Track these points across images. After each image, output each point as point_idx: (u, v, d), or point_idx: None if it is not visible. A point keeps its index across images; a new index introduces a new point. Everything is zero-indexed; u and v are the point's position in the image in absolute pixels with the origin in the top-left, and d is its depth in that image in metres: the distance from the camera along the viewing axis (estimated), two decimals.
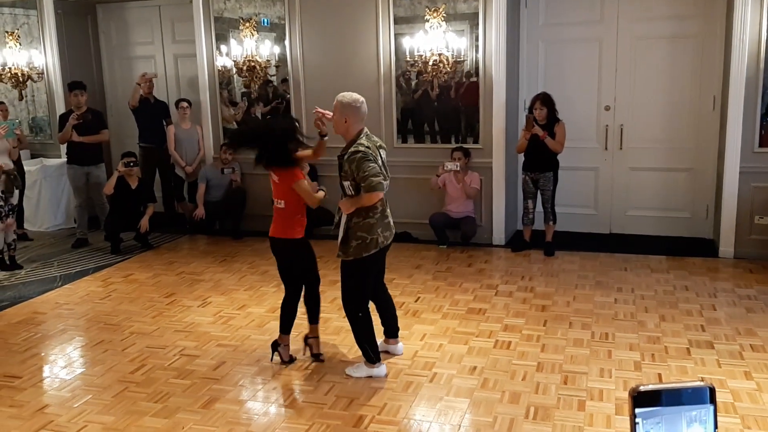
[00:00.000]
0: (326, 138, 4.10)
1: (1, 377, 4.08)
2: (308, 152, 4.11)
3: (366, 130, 3.83)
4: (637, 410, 1.09)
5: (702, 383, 1.12)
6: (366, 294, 3.92)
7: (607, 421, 3.38)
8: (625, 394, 3.61)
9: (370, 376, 3.92)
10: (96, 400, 3.76)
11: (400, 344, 4.26)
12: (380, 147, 3.86)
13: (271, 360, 4.18)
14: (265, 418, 3.55)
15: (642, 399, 1.09)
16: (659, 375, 3.86)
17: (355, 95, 3.87)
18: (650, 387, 1.10)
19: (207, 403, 3.69)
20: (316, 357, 4.19)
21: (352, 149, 3.70)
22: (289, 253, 4.10)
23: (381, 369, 3.94)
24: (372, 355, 3.92)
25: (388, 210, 3.91)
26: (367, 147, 3.70)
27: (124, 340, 4.62)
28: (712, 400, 1.12)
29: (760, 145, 5.88)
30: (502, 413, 3.49)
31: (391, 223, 3.94)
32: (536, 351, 4.23)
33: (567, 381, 3.82)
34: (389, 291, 4.30)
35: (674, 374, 3.87)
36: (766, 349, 4.17)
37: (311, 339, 4.24)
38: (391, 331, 4.23)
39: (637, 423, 1.09)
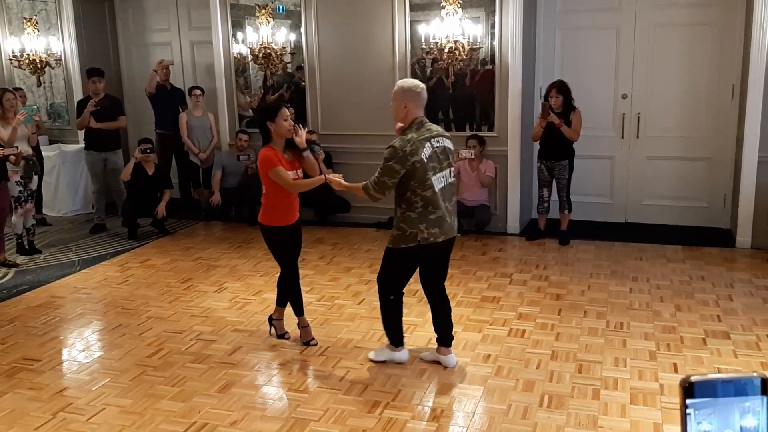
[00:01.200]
0: (308, 154, 4.12)
1: (21, 360, 4.15)
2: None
3: (422, 118, 3.71)
4: (688, 401, 1.07)
5: (755, 374, 1.10)
6: (400, 283, 3.86)
7: (621, 411, 3.38)
8: (640, 384, 3.61)
9: (392, 360, 3.93)
10: (114, 384, 3.82)
11: (451, 356, 3.93)
12: (433, 137, 3.62)
13: (269, 334, 4.38)
14: (280, 403, 3.59)
15: (692, 390, 1.07)
16: (674, 365, 3.85)
17: (416, 81, 3.79)
18: (701, 378, 1.07)
19: (223, 388, 3.73)
20: (280, 336, 4.35)
21: (390, 143, 3.61)
22: (263, 236, 4.29)
23: (402, 353, 3.94)
24: (395, 337, 3.93)
25: (444, 206, 3.66)
26: (403, 144, 3.54)
27: (141, 325, 4.67)
28: (765, 392, 1.09)
29: None
30: (516, 401, 3.50)
31: (447, 220, 3.68)
32: (550, 339, 4.24)
33: (581, 370, 3.83)
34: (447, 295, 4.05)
35: (690, 364, 3.86)
36: None
37: (275, 320, 4.40)
38: (443, 339, 3.96)
39: (689, 414, 1.07)
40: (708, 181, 6.60)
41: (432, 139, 3.62)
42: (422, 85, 3.75)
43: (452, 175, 3.76)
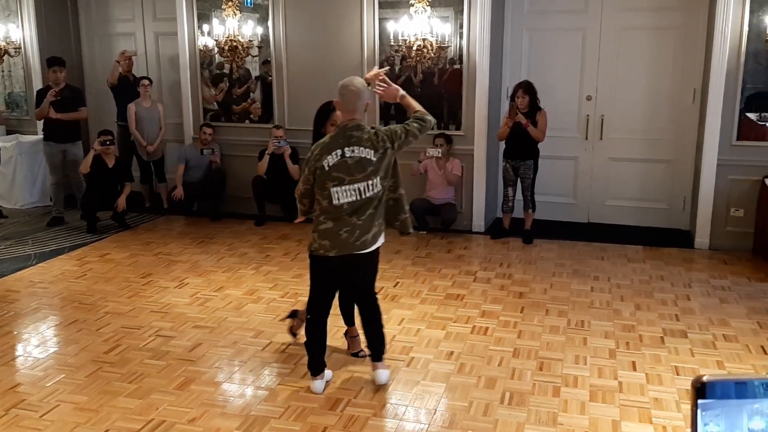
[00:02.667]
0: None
1: None
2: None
3: (347, 122, 3.42)
4: (699, 402, 1.05)
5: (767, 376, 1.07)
6: (313, 298, 3.57)
7: (581, 408, 3.42)
8: (600, 382, 3.65)
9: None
10: (69, 380, 3.72)
11: (380, 371, 3.65)
12: (348, 146, 3.36)
13: (283, 319, 4.29)
14: (240, 400, 3.54)
15: (704, 390, 1.05)
16: (633, 363, 3.90)
17: (350, 79, 3.49)
18: (713, 378, 1.05)
19: (182, 385, 3.67)
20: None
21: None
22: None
23: (316, 384, 3.58)
24: (310, 364, 3.61)
25: (348, 220, 3.35)
26: (314, 148, 3.43)
27: (99, 320, 4.57)
28: None
29: (738, 138, 5.94)
30: (478, 398, 3.51)
31: (342, 234, 3.34)
32: (513, 337, 4.26)
33: (542, 367, 3.85)
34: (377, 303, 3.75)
35: (648, 362, 3.91)
36: (738, 339, 4.23)
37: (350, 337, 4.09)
38: (373, 353, 3.71)
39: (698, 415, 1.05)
40: (669, 183, 6.71)
41: (346, 148, 3.31)
42: (352, 85, 3.38)
43: (372, 189, 3.33)
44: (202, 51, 7.40)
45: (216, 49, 7.18)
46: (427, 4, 6.36)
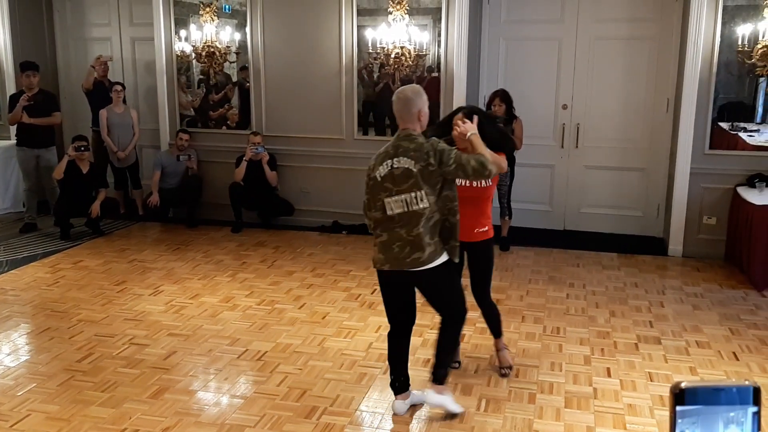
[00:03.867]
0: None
1: None
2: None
3: (400, 131, 3.29)
4: (678, 408, 1.04)
5: (747, 382, 1.07)
6: (386, 310, 3.51)
7: (556, 414, 3.44)
8: (575, 388, 3.68)
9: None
10: (40, 389, 3.66)
11: (438, 395, 3.41)
12: (395, 157, 3.25)
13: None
14: (215, 408, 3.51)
15: (683, 397, 1.04)
16: (608, 369, 3.94)
17: (404, 87, 3.37)
18: (692, 384, 1.04)
19: (156, 393, 3.63)
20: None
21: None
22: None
23: (398, 405, 3.47)
24: (392, 382, 3.51)
25: (397, 233, 3.22)
26: (374, 156, 3.35)
27: (72, 328, 4.50)
28: (756, 401, 1.05)
29: (711, 147, 6.04)
30: None
31: (394, 249, 3.23)
32: (489, 344, 4.26)
33: (518, 374, 3.87)
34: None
35: (622, 369, 3.95)
36: (711, 345, 4.29)
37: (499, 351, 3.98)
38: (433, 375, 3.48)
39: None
40: (643, 191, 6.79)
41: (395, 158, 3.22)
42: (401, 92, 3.29)
43: (419, 203, 3.18)
44: (179, 56, 7.35)
45: (193, 55, 7.15)
46: (405, 12, 6.39)
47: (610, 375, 3.87)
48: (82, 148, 6.69)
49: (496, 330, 3.94)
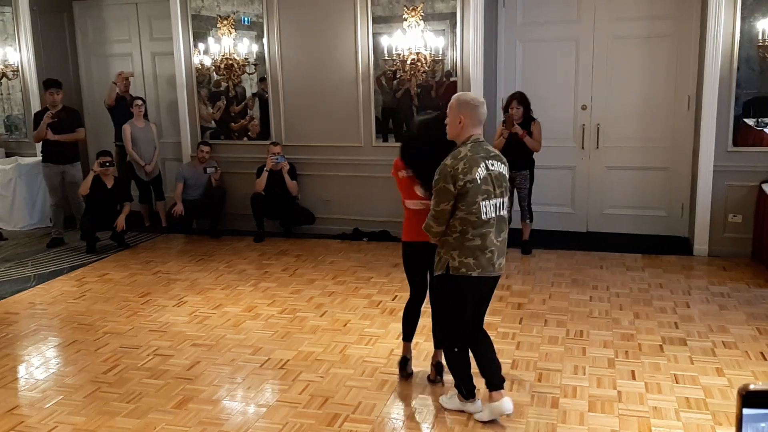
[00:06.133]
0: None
1: None
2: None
3: (478, 136, 3.30)
4: (745, 411, 0.99)
5: None
6: (457, 322, 3.42)
7: (580, 419, 3.40)
8: (599, 392, 3.64)
9: (463, 411, 3.50)
10: (67, 401, 3.72)
11: (505, 399, 3.38)
12: (489, 159, 3.24)
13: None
14: (239, 417, 3.53)
15: (751, 399, 0.99)
16: (632, 372, 3.89)
17: (474, 95, 3.43)
18: (760, 387, 1.00)
19: (180, 403, 3.66)
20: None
21: (443, 162, 3.23)
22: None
23: (476, 404, 3.47)
24: (464, 390, 3.49)
25: (491, 239, 3.23)
26: (454, 163, 3.18)
27: (98, 340, 4.57)
28: None
29: (734, 144, 5.95)
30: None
31: (487, 254, 3.23)
32: (511, 348, 4.25)
33: (541, 378, 3.84)
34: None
35: (647, 371, 3.90)
36: (737, 345, 4.22)
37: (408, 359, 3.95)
38: (490, 383, 3.44)
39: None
40: (666, 191, 6.71)
41: (488, 161, 3.23)
42: (481, 100, 3.34)
43: (505, 207, 3.29)
44: (198, 69, 7.44)
45: (212, 68, 7.23)
46: (420, 18, 6.41)
47: (635, 378, 3.82)
48: (107, 164, 6.80)
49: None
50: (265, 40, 7.14)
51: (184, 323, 4.84)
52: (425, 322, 4.70)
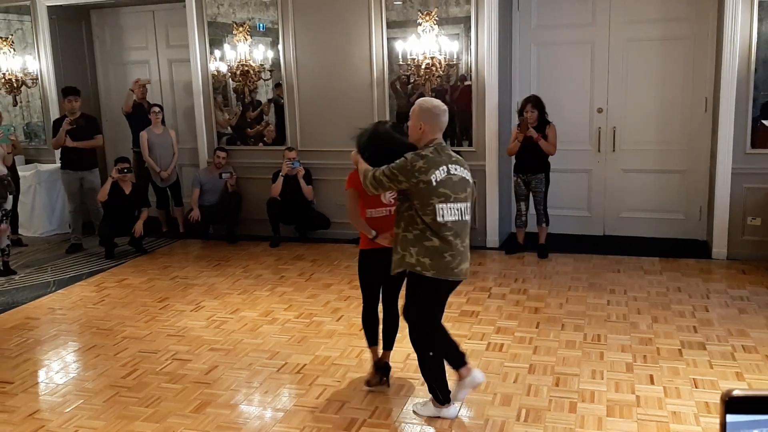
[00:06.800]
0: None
1: None
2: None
3: (440, 141, 3.33)
4: (728, 417, 0.97)
5: None
6: (424, 322, 3.43)
7: (598, 423, 3.38)
8: (617, 396, 3.62)
9: (438, 417, 3.49)
10: (87, 405, 3.76)
11: (474, 370, 3.55)
12: (452, 164, 3.28)
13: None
14: (256, 421, 3.55)
15: (734, 405, 0.97)
16: (651, 376, 3.86)
17: (437, 101, 3.40)
18: (743, 393, 0.97)
19: (198, 407, 3.69)
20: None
21: (404, 155, 3.28)
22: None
23: (449, 410, 3.48)
24: (440, 395, 3.47)
25: (445, 238, 3.24)
26: (414, 159, 3.21)
27: (117, 345, 4.61)
28: None
29: (753, 147, 5.90)
30: (494, 415, 3.49)
31: (446, 255, 3.25)
32: (528, 353, 4.24)
33: (559, 383, 3.82)
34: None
35: (666, 375, 3.87)
36: (758, 350, 4.18)
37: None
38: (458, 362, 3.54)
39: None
40: (684, 194, 6.66)
41: (450, 165, 3.26)
42: (443, 108, 3.35)
43: (468, 212, 3.35)
44: (214, 76, 7.50)
45: (228, 74, 7.29)
46: (435, 22, 6.42)
47: (653, 382, 3.80)
48: (125, 170, 6.86)
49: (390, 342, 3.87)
50: (280, 46, 7.18)
51: (201, 328, 4.87)
52: None
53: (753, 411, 0.97)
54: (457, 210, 3.26)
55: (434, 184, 3.21)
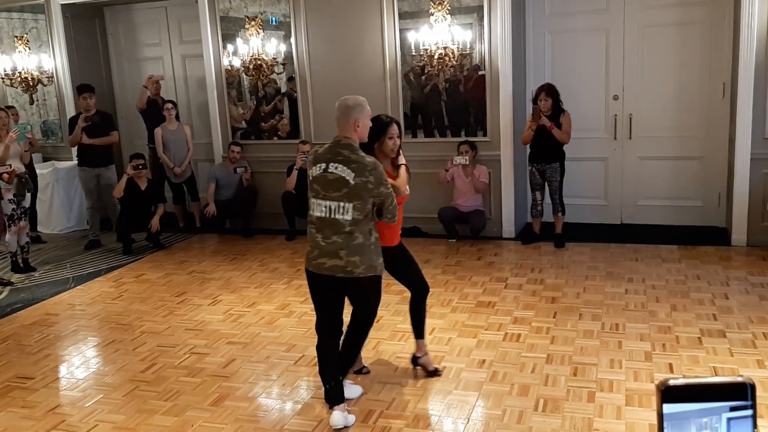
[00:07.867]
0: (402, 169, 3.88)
1: (14, 378, 4.13)
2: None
3: (340, 138, 3.34)
4: (665, 407, 0.97)
5: (740, 378, 0.98)
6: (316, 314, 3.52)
7: (617, 413, 3.36)
8: (636, 385, 3.59)
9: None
10: (107, 400, 3.79)
11: (351, 386, 3.65)
12: (332, 162, 3.28)
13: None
14: (274, 414, 3.56)
15: (671, 394, 0.96)
16: (670, 365, 3.83)
17: (342, 99, 3.46)
18: (680, 381, 0.97)
19: (216, 401, 3.71)
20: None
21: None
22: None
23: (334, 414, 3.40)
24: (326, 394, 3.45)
25: (315, 237, 3.34)
26: (313, 152, 3.41)
27: (135, 340, 4.65)
28: (753, 398, 0.96)
29: None
30: (512, 406, 3.48)
31: (314, 249, 3.33)
32: (546, 343, 4.21)
33: (577, 372, 3.80)
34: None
35: (686, 364, 3.83)
36: None
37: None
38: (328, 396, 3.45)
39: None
40: (702, 180, 6.59)
41: (332, 163, 3.25)
42: (342, 103, 3.38)
43: (345, 212, 3.23)
44: (227, 71, 7.51)
45: (242, 68, 7.30)
46: (447, 12, 6.37)
47: (673, 371, 3.76)
48: (140, 167, 6.90)
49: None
50: (292, 40, 7.18)
51: (219, 322, 4.90)
52: (434, 322, 4.69)
53: (689, 399, 0.97)
54: (326, 207, 3.27)
55: (310, 178, 3.35)
